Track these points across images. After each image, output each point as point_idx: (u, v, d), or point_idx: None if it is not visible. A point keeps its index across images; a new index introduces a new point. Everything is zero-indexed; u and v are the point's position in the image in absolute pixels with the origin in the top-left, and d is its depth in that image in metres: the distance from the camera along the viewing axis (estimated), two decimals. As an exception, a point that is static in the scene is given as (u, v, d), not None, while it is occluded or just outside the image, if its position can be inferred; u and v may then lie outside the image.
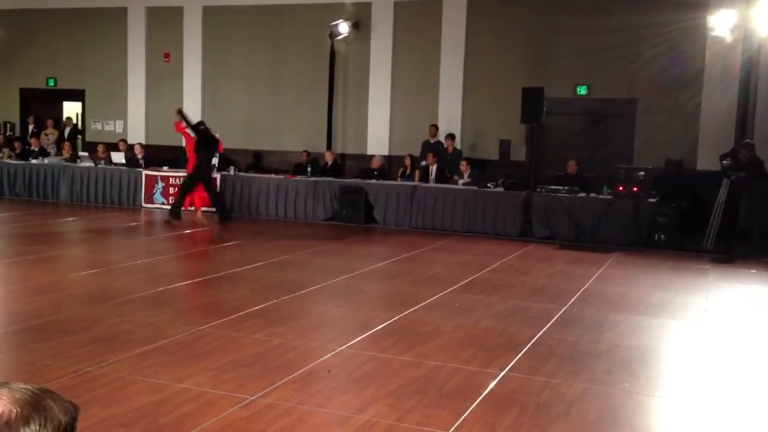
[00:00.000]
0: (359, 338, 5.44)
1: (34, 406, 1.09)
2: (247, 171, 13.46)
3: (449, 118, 13.52)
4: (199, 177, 11.34)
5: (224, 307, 6.28)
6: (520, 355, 5.16)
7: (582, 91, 12.73)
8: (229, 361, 4.82)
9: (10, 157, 14.26)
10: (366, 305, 6.67)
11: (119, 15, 15.43)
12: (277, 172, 13.33)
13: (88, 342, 5.18)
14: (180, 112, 11.41)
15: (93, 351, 4.95)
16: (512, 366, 4.91)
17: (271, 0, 14.36)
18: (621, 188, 10.60)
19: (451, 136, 13.17)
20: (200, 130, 11.32)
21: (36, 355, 4.90)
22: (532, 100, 11.26)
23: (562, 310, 6.61)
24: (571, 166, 11.65)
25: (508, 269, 8.66)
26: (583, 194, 10.96)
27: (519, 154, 13.01)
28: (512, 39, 13.14)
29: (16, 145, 14.71)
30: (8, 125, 16.17)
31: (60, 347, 5.05)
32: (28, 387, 1.18)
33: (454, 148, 13.10)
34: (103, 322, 5.74)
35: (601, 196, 10.89)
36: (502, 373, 4.74)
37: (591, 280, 8.05)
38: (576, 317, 6.39)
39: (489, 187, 11.55)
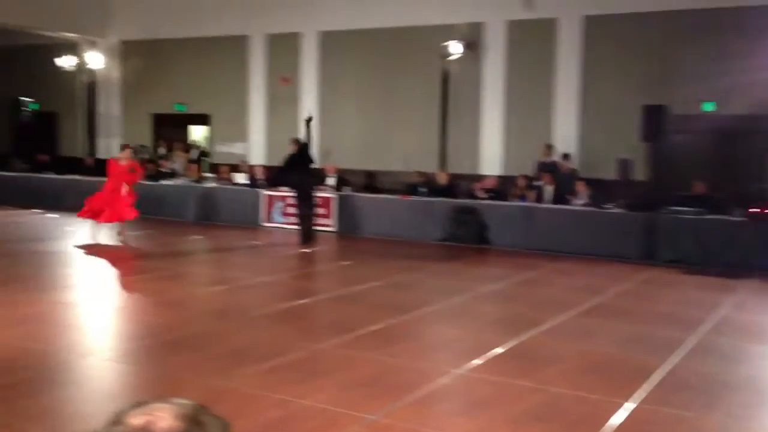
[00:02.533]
0: (477, 361, 5.40)
1: (195, 421, 1.15)
2: (361, 191, 13.69)
3: (564, 137, 13.26)
4: (303, 196, 11.57)
5: (342, 325, 6.39)
6: (647, 385, 4.96)
7: (708, 107, 12.17)
8: (349, 380, 4.90)
9: (144, 178, 15.14)
10: (483, 327, 6.62)
11: (242, 43, 16.16)
12: (389, 192, 13.48)
13: (216, 356, 5.41)
14: (308, 122, 11.68)
15: (221, 365, 5.16)
16: (639, 396, 4.72)
17: (384, 23, 14.63)
18: (755, 209, 10.02)
19: (566, 156, 12.90)
20: (303, 149, 11.50)
21: (169, 368, 5.17)
22: (653, 118, 10.88)
23: (692, 338, 6.30)
24: (699, 187, 11.12)
25: (630, 294, 8.35)
26: (711, 216, 10.43)
27: (639, 173, 12.56)
28: (631, 55, 12.77)
29: (149, 167, 15.63)
30: (142, 148, 17.21)
31: (190, 361, 5.30)
32: (188, 402, 1.25)
33: (570, 168, 12.82)
34: (230, 338, 5.98)
35: (733, 218, 10.32)
36: (629, 404, 4.57)
37: (723, 307, 7.63)
38: (708, 347, 6.07)
39: (608, 208, 11.21)
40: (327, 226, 12.87)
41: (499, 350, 5.71)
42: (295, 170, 11.52)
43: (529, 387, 4.85)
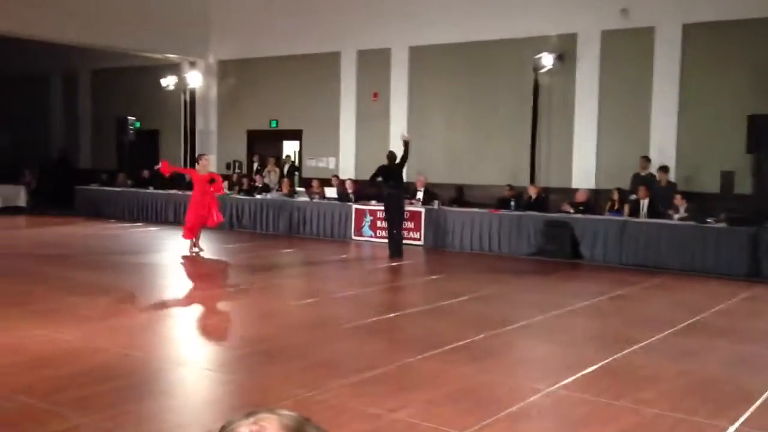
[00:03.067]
0: (570, 379, 5.25)
1: None
2: (450, 205, 13.64)
3: (662, 149, 12.81)
4: (392, 209, 11.67)
5: (432, 339, 6.35)
6: (754, 408, 4.69)
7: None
8: (439, 395, 4.86)
9: (238, 192, 15.63)
10: (576, 344, 6.44)
11: (333, 59, 16.46)
12: (479, 206, 13.38)
13: (308, 368, 5.48)
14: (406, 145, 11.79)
15: (312, 377, 5.22)
16: (746, 420, 4.47)
17: (474, 37, 14.58)
18: None
19: (664, 169, 12.45)
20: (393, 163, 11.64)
21: (262, 378, 5.27)
22: (760, 128, 10.36)
23: (802, 360, 5.93)
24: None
25: (734, 312, 7.94)
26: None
27: (744, 186, 11.96)
28: (733, 64, 12.21)
29: (244, 181, 16.11)
30: (237, 164, 17.76)
31: (283, 372, 5.39)
32: (292, 414, 1.26)
33: (668, 181, 12.36)
34: (321, 349, 6.05)
35: None
36: (733, 427, 4.33)
37: (836, 328, 7.15)
38: (819, 369, 5.70)
39: (709, 223, 10.73)
40: (415, 239, 12.89)
41: (592, 368, 5.53)
42: (385, 183, 11.67)
43: (626, 407, 4.67)
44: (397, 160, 11.75)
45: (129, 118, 17.58)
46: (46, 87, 21.21)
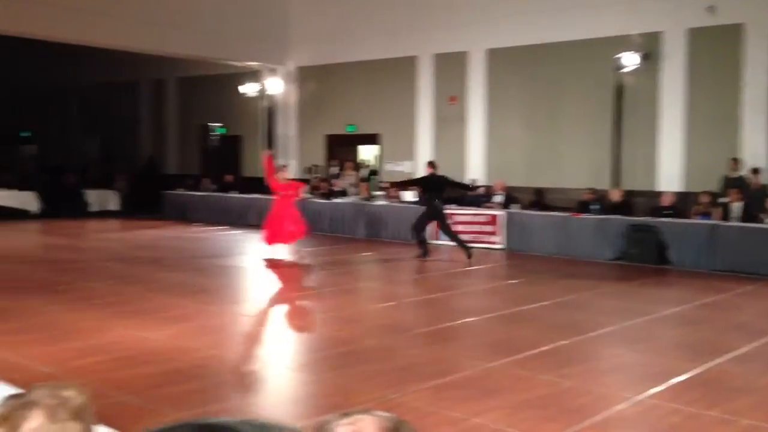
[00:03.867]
0: (659, 388, 5.10)
1: None
2: (529, 208, 13.47)
3: (753, 150, 12.29)
4: (431, 216, 11.72)
5: (512, 345, 6.29)
6: None
7: None
8: (522, 401, 4.81)
9: (317, 197, 15.86)
10: (663, 352, 6.25)
11: (410, 63, 16.52)
12: (559, 209, 13.16)
13: (388, 370, 5.52)
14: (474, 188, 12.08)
15: (394, 379, 5.26)
16: None
17: (552, 38, 14.36)
18: None
19: (755, 171, 11.94)
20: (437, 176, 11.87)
21: (344, 379, 5.34)
22: None
23: None
24: None
25: (833, 321, 7.54)
26: None
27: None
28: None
29: (322, 185, 16.35)
30: (315, 168, 18.04)
31: (364, 374, 5.45)
32: (390, 415, 1.28)
33: (760, 184, 11.84)
34: (401, 353, 6.09)
35: None
36: (836, 442, 4.12)
37: None
38: None
39: (805, 227, 10.23)
40: (494, 243, 12.79)
41: (681, 377, 5.36)
42: (428, 193, 11.80)
43: (718, 418, 4.51)
44: (448, 179, 12.02)
45: (213, 124, 18.14)
46: (135, 95, 22.09)
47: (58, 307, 7.51)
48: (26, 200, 17.21)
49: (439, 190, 11.75)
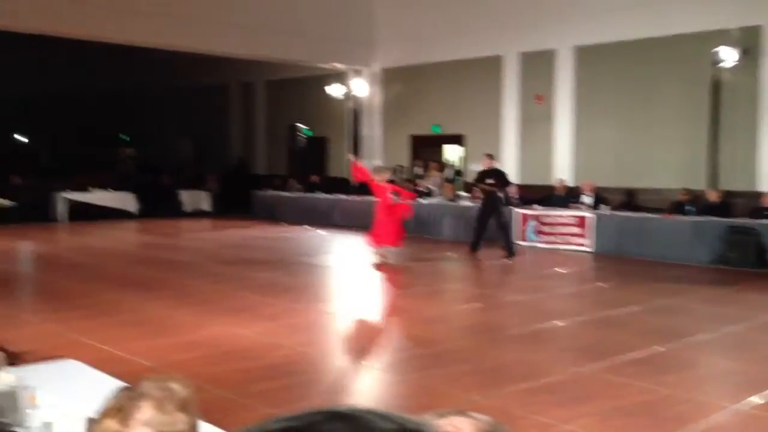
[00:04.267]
0: (757, 398, 4.88)
1: None
2: (619, 209, 13.10)
3: None
4: (489, 208, 11.96)
5: (604, 349, 6.15)
6: None
7: None
8: (615, 407, 4.69)
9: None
10: (764, 361, 5.97)
11: (495, 63, 16.36)
12: (651, 210, 12.74)
13: (475, 372, 5.50)
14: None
15: (480, 382, 5.23)
16: None
17: (643, 33, 13.90)
18: None
19: None
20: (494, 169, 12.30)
21: (430, 380, 5.35)
22: None
23: None
24: None
25: None
26: None
27: None
28: None
29: (407, 186, 16.39)
30: (400, 168, 18.10)
31: (450, 375, 5.45)
32: (487, 418, 1.27)
33: None
34: (488, 355, 6.05)
35: None
36: None
37: None
38: None
39: None
40: (582, 245, 12.51)
41: (786, 388, 5.11)
42: (483, 184, 12.20)
43: (827, 432, 4.28)
44: (504, 172, 12.67)
45: (300, 125, 18.48)
46: (226, 97, 22.77)
47: (156, 303, 7.83)
48: (125, 201, 18.01)
49: (495, 185, 12.09)
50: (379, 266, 11.10)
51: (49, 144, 26.70)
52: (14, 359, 4.50)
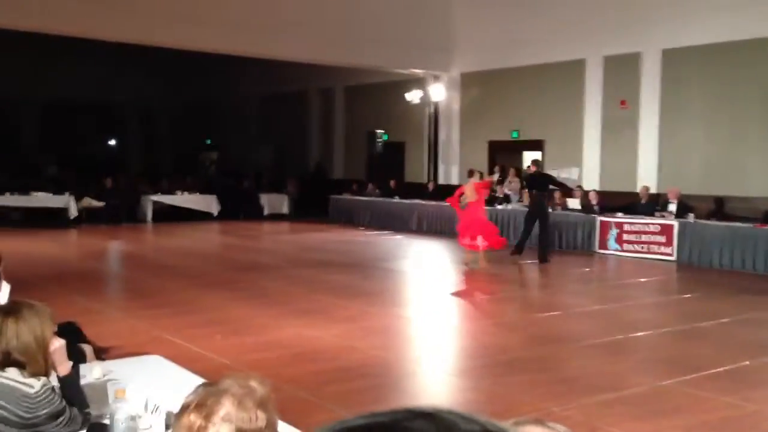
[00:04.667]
0: None
1: None
2: (707, 218, 12.62)
3: None
4: (534, 214, 12.07)
5: (687, 362, 5.93)
6: None
7: None
8: (697, 423, 4.53)
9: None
10: None
11: (577, 67, 16.05)
12: (740, 219, 12.21)
13: (551, 382, 5.40)
14: None
15: (556, 391, 5.14)
16: None
17: (736, 35, 13.36)
18: None
19: None
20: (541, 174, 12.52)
21: (504, 388, 5.29)
22: None
23: None
24: None
25: None
26: None
27: None
28: None
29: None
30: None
31: (525, 383, 5.37)
32: (563, 428, 1.25)
33: None
34: (564, 364, 5.93)
35: None
36: None
37: None
38: None
39: None
40: (666, 255, 12.12)
41: None
42: (532, 191, 12.36)
43: None
44: (553, 177, 12.84)
45: (377, 131, 18.64)
46: (305, 103, 23.17)
47: (235, 303, 8.03)
48: (207, 203, 18.57)
49: (543, 189, 12.27)
50: (457, 269, 11.07)
51: (138, 149, 27.81)
52: (102, 354, 4.72)
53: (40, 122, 24.95)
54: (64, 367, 2.64)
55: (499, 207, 15.27)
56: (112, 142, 27.78)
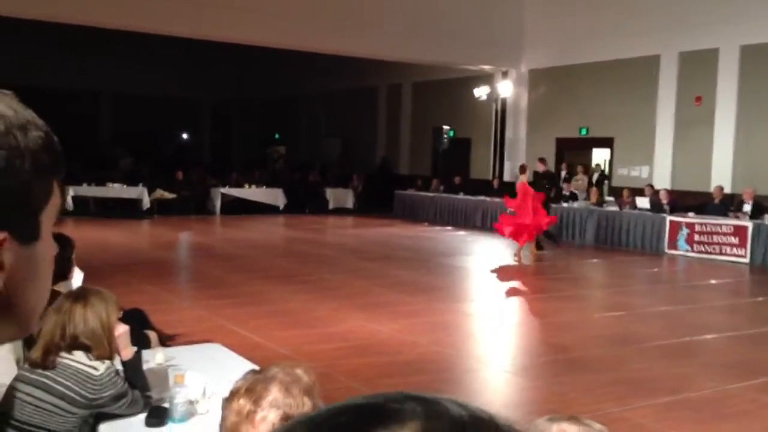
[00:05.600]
0: None
1: None
2: (784, 220, 12.12)
3: None
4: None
5: (756, 367, 5.75)
6: None
7: None
8: (760, 429, 4.39)
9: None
10: None
11: (651, 63, 15.62)
12: (821, 222, 11.70)
13: (611, 383, 5.32)
14: None
15: (616, 392, 5.06)
16: None
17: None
18: None
19: None
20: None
21: (562, 387, 5.24)
22: None
23: None
24: None
25: None
26: None
27: None
28: None
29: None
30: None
31: (584, 383, 5.30)
32: (600, 427, 1.25)
33: None
34: (626, 366, 5.83)
35: None
36: None
37: None
38: None
39: None
40: (740, 256, 11.71)
41: None
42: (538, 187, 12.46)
43: None
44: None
45: (444, 127, 18.59)
46: (373, 99, 23.30)
47: (298, 295, 8.18)
48: (274, 196, 18.91)
49: (549, 185, 13.08)
50: (520, 267, 11.00)
51: (207, 143, 28.54)
52: (166, 340, 4.90)
53: (115, 115, 25.88)
54: (128, 351, 2.77)
55: (565, 204, 15.03)
56: (185, 136, 28.55)
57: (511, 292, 9.52)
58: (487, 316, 7.87)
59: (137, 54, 22.74)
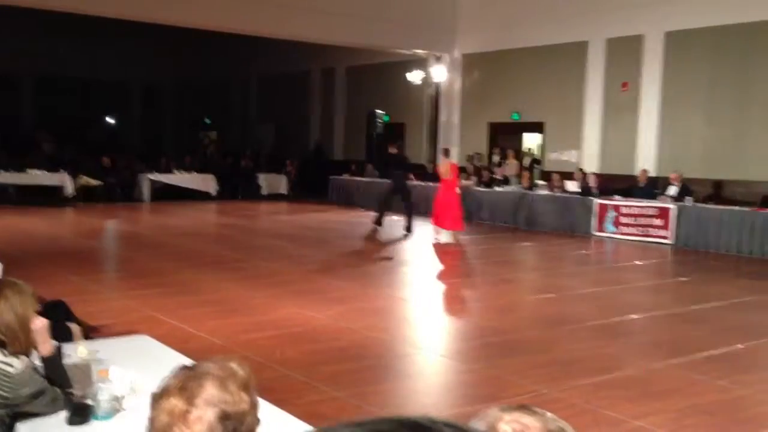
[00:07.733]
0: None
1: None
2: (705, 201, 12.59)
3: None
4: (395, 190, 13.04)
5: (681, 346, 5.93)
6: None
7: None
8: (689, 406, 4.52)
9: (478, 184, 15.76)
10: None
11: (579, 49, 15.93)
12: (740, 203, 12.19)
13: (545, 364, 5.40)
14: None
15: (550, 373, 5.13)
16: None
17: (742, 17, 13.23)
18: None
19: None
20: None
21: (498, 370, 5.28)
22: None
23: None
24: None
25: None
26: None
27: None
28: None
29: (483, 173, 16.23)
30: (476, 156, 17.93)
31: (519, 365, 5.36)
32: (559, 421, 1.21)
33: None
34: (558, 347, 5.93)
35: None
36: None
37: None
38: None
39: None
40: (663, 238, 12.10)
41: None
42: (394, 169, 13.29)
43: None
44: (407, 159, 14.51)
45: (378, 111, 18.54)
46: (306, 83, 23.03)
47: (231, 283, 8.02)
48: (206, 183, 18.52)
49: (402, 168, 13.41)
50: (447, 251, 11.11)
51: (137, 127, 27.72)
52: (91, 333, 4.71)
53: (38, 98, 24.85)
54: (47, 346, 2.62)
55: (498, 189, 15.22)
56: (113, 121, 27.65)
57: (444, 276, 9.58)
58: (421, 300, 7.90)
59: (62, 34, 21.85)
